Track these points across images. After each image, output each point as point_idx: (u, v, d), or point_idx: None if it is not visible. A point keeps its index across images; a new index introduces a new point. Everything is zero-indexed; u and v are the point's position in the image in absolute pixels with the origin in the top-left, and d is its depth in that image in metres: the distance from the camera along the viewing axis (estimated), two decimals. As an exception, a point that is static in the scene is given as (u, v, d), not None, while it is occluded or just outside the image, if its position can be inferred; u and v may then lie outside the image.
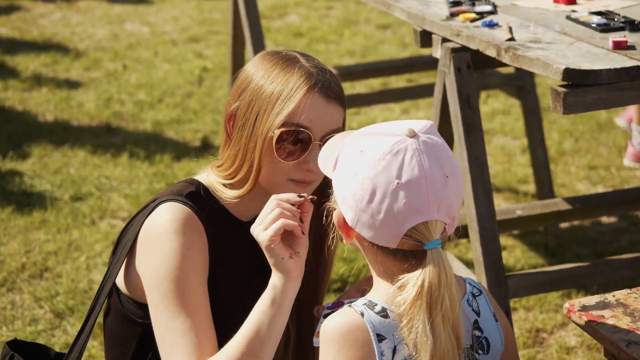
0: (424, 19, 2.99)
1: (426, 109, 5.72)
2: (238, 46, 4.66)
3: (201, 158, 5.04)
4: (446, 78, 2.93)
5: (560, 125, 5.50)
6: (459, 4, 3.03)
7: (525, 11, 3.00)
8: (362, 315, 1.79)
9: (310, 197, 2.02)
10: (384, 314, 1.79)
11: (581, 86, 2.46)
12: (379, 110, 5.82)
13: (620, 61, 2.50)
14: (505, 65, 2.77)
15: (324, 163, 1.93)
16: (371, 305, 1.81)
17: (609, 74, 2.46)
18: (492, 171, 4.87)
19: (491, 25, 2.83)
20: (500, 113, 5.73)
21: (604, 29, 2.74)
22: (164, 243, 2.11)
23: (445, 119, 3.01)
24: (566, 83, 2.47)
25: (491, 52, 2.70)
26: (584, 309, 2.06)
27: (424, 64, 4.75)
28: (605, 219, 4.46)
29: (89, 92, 6.14)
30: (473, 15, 2.91)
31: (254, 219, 2.25)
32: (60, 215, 4.48)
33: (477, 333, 1.88)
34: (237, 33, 4.61)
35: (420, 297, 1.74)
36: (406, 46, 6.96)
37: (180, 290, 2.08)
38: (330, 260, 2.40)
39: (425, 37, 3.01)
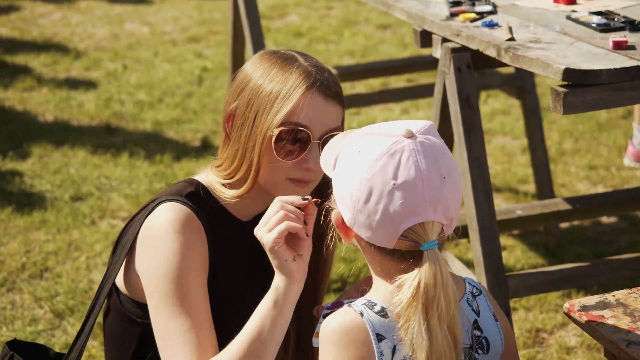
0: (424, 19, 2.99)
1: (426, 109, 5.71)
2: (238, 46, 4.65)
3: (201, 158, 5.03)
4: (446, 78, 2.93)
5: (560, 125, 5.50)
6: (459, 4, 3.03)
7: (525, 11, 3.00)
8: (362, 315, 1.79)
9: (314, 200, 2.02)
10: (383, 313, 1.79)
11: (581, 86, 2.46)
12: (379, 110, 5.81)
13: (621, 61, 2.50)
14: (505, 65, 2.76)
15: (325, 163, 1.93)
16: (370, 305, 1.81)
17: (609, 74, 2.45)
18: (492, 171, 4.87)
19: (491, 25, 2.83)
20: (500, 113, 5.73)
21: (604, 29, 2.74)
22: (163, 243, 2.11)
23: (445, 119, 3.01)
24: (566, 83, 2.47)
25: (491, 52, 2.70)
26: (584, 309, 2.06)
27: (424, 64, 4.75)
28: (605, 219, 4.46)
29: (89, 92, 6.14)
30: (473, 15, 2.91)
31: (253, 218, 2.25)
32: (60, 215, 4.47)
33: (477, 333, 1.88)
34: (237, 33, 4.60)
35: (416, 298, 1.74)
36: (406, 46, 6.96)
37: (180, 290, 2.08)
38: (329, 260, 2.40)
39: (425, 37, 3.01)
